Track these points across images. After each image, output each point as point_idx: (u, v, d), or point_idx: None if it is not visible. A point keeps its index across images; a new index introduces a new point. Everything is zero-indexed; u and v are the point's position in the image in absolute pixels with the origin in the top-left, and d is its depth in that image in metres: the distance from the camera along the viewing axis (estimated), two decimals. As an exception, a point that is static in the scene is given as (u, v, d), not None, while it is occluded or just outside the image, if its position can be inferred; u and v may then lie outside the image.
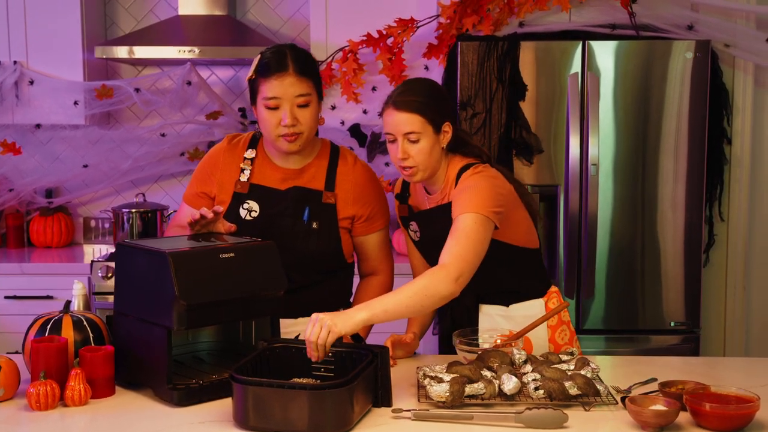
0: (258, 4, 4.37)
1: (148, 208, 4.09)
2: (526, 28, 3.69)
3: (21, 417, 1.92)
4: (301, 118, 2.29)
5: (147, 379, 2.06)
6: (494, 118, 3.54)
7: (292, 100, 2.27)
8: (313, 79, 2.32)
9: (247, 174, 2.39)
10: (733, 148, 3.90)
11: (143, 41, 3.99)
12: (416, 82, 2.40)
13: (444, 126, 2.34)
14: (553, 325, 2.45)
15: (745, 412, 1.83)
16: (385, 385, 1.96)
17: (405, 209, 2.52)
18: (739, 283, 3.94)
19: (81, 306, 2.28)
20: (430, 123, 2.31)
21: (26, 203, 4.38)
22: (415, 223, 2.48)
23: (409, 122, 2.29)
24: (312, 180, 2.39)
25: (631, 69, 3.54)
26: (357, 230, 2.47)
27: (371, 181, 2.48)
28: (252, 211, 2.36)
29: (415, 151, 2.30)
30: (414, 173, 2.34)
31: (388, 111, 2.33)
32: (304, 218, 2.35)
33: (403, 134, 2.30)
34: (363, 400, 1.88)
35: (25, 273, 3.87)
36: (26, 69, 4.04)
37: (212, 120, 4.25)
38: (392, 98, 2.34)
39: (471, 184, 2.29)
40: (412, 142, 2.30)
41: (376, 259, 2.52)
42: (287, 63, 2.27)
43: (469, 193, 2.25)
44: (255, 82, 2.32)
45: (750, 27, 3.79)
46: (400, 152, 2.30)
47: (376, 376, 1.95)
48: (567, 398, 1.97)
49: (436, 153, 2.34)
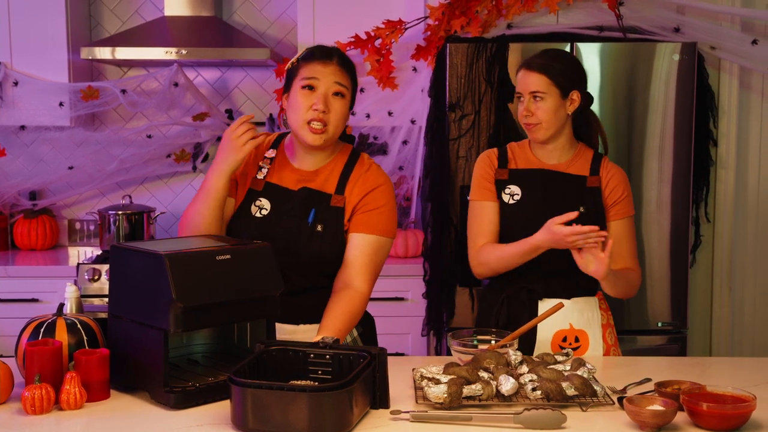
0: (245, 5, 4.36)
1: (135, 210, 4.06)
2: (515, 30, 3.70)
3: (16, 421, 1.90)
4: (332, 107, 2.28)
5: (143, 383, 2.04)
6: (483, 119, 3.55)
7: (330, 86, 2.27)
8: (352, 78, 2.34)
9: (264, 172, 2.40)
10: (719, 150, 3.93)
11: (129, 42, 3.97)
12: (555, 50, 2.59)
13: (572, 94, 2.52)
14: (604, 324, 2.57)
15: (741, 411, 1.84)
16: (383, 386, 1.96)
17: (505, 172, 2.58)
18: (725, 284, 3.97)
19: (74, 309, 2.26)
20: (557, 86, 2.49)
21: (10, 205, 4.34)
22: (516, 186, 2.56)
23: (535, 82, 2.49)
24: (324, 183, 2.37)
25: (618, 70, 3.57)
26: (350, 225, 2.36)
27: (382, 185, 2.38)
28: (263, 208, 2.35)
29: (539, 109, 2.48)
30: (537, 129, 2.50)
31: (522, 72, 2.54)
32: (309, 220, 2.33)
33: (530, 92, 2.49)
34: (362, 402, 1.88)
35: (10, 276, 3.83)
36: (11, 70, 4.01)
37: (199, 121, 4.23)
38: (527, 61, 2.55)
39: (627, 185, 2.57)
40: (537, 100, 2.48)
41: (353, 268, 2.31)
42: (333, 54, 2.31)
43: (630, 196, 2.58)
44: (295, 69, 2.32)
45: (735, 29, 3.83)
46: (524, 109, 2.50)
47: (374, 377, 1.95)
48: (564, 399, 1.98)
49: (561, 116, 2.51)
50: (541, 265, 2.52)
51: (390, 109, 3.96)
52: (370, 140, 4.12)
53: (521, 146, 2.65)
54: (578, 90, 2.54)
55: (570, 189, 2.55)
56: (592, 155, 2.60)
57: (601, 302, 2.61)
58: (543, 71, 2.50)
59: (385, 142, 4.10)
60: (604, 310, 2.60)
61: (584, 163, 2.58)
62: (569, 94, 2.52)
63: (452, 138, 3.57)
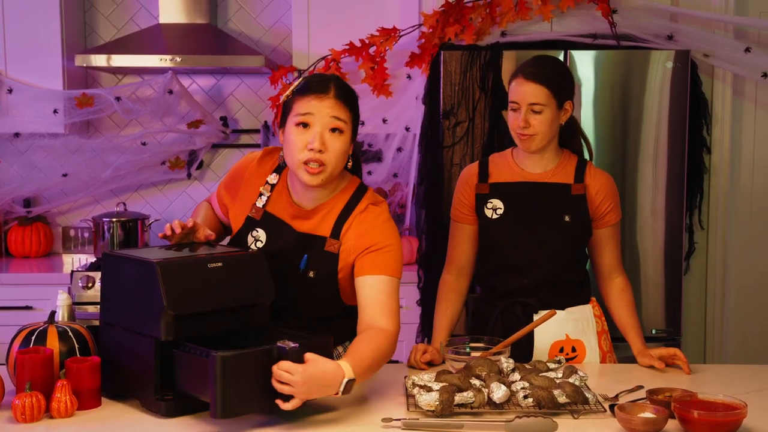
0: (239, 12, 4.37)
1: (129, 218, 4.06)
2: (509, 37, 3.71)
3: (6, 429, 1.90)
4: (330, 145, 2.12)
5: (134, 390, 2.04)
6: (477, 127, 3.55)
7: (326, 122, 2.12)
8: (351, 110, 2.17)
9: (264, 200, 2.29)
10: (713, 157, 3.93)
11: (124, 49, 3.97)
12: (547, 57, 2.57)
13: (566, 104, 2.50)
14: (599, 331, 2.57)
15: (732, 419, 1.84)
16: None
17: (485, 187, 2.56)
18: (719, 291, 3.97)
19: (66, 316, 2.26)
20: (555, 97, 2.46)
21: (4, 213, 4.33)
22: (498, 200, 2.54)
23: (535, 93, 2.44)
24: (320, 223, 2.23)
25: (612, 78, 3.57)
26: (356, 269, 2.21)
27: (379, 225, 2.22)
28: (258, 240, 2.26)
29: (537, 122, 2.45)
30: (532, 140, 2.47)
31: (518, 80, 2.47)
32: (300, 266, 2.23)
33: (528, 104, 2.45)
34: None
35: (3, 283, 3.82)
36: (5, 77, 4.01)
37: (193, 129, 4.23)
38: (522, 69, 2.49)
39: (615, 192, 2.58)
40: (535, 113, 2.44)
41: (373, 308, 2.15)
42: (329, 86, 2.14)
43: (617, 202, 2.58)
44: (289, 103, 2.18)
45: (729, 37, 3.83)
46: (522, 121, 2.45)
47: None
48: (556, 406, 1.98)
49: (555, 127, 2.50)
50: (530, 278, 2.52)
51: (384, 117, 3.96)
52: (365, 147, 4.12)
53: (503, 156, 2.63)
54: (571, 100, 2.53)
55: (553, 199, 2.53)
56: (576, 162, 2.59)
57: (594, 309, 2.61)
58: (543, 82, 2.44)
59: (379, 149, 4.10)
60: (598, 317, 2.60)
61: (569, 170, 2.56)
62: (563, 105, 2.51)
63: (446, 145, 3.58)
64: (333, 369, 1.91)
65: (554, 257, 2.52)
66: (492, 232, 2.55)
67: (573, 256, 2.57)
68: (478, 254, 2.63)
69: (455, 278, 2.64)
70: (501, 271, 2.57)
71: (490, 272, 2.59)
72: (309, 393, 1.87)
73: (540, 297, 2.52)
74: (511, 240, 2.53)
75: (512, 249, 2.53)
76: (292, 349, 1.87)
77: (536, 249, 2.52)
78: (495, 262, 2.57)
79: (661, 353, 2.43)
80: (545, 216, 2.52)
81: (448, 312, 2.60)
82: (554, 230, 2.52)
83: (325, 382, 1.89)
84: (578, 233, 2.54)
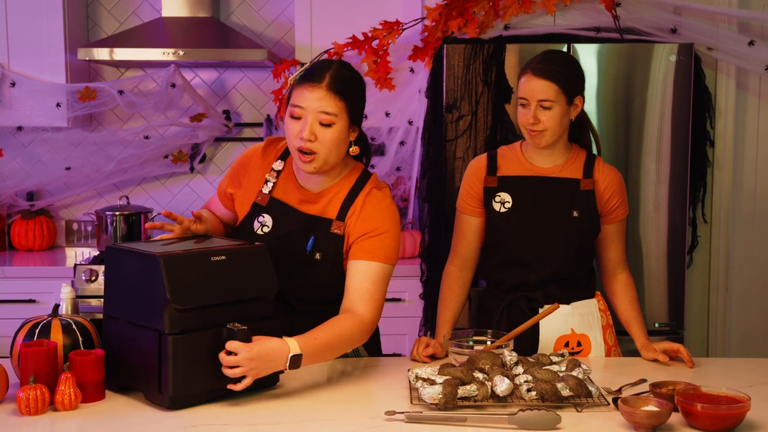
0: (242, 6, 4.36)
1: (132, 211, 4.06)
2: (512, 31, 3.70)
3: (10, 422, 1.90)
4: (320, 136, 2.16)
5: (138, 383, 2.04)
6: (480, 120, 3.55)
7: (316, 115, 2.16)
8: (346, 100, 2.18)
9: (270, 186, 2.32)
10: (716, 151, 3.93)
11: (126, 43, 3.97)
12: (556, 52, 2.53)
13: (576, 99, 2.49)
14: (604, 325, 2.57)
15: (736, 412, 1.84)
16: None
17: (494, 180, 2.56)
18: (722, 285, 3.97)
19: (69, 309, 2.26)
20: (565, 93, 2.44)
21: (7, 206, 4.34)
22: (506, 194, 2.53)
23: (545, 90, 2.43)
24: (326, 206, 2.28)
25: (615, 72, 3.57)
26: (351, 252, 2.26)
27: (382, 210, 2.27)
28: (265, 225, 2.29)
29: (546, 118, 2.43)
30: (542, 136, 2.46)
31: (527, 77, 2.46)
32: (307, 248, 2.26)
33: (538, 100, 2.43)
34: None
35: (7, 277, 3.83)
36: (8, 71, 4.01)
37: (196, 122, 4.23)
38: (532, 65, 2.47)
39: (623, 188, 2.57)
40: (545, 109, 2.43)
41: (356, 295, 2.21)
42: (324, 76, 2.16)
43: (625, 197, 2.58)
44: (290, 90, 2.23)
45: (732, 30, 3.83)
46: (532, 117, 2.44)
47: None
48: (559, 399, 1.98)
49: (565, 123, 2.48)
50: (538, 273, 2.52)
51: (387, 110, 3.96)
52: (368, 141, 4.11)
53: (512, 149, 2.62)
54: (581, 95, 2.52)
55: (562, 194, 2.53)
56: (585, 157, 2.58)
57: (600, 303, 2.61)
58: (552, 79, 2.43)
59: (382, 142, 4.10)
60: (603, 311, 2.60)
61: (577, 165, 2.56)
62: (573, 100, 2.49)
63: (449, 139, 3.57)
64: (278, 345, 2.00)
65: (562, 253, 2.52)
66: (500, 226, 2.55)
67: (581, 252, 2.56)
68: (485, 248, 2.63)
69: (459, 270, 2.63)
70: (508, 266, 2.56)
71: (496, 266, 2.59)
72: (257, 369, 1.97)
73: (546, 291, 2.52)
74: (519, 235, 2.52)
75: (520, 244, 2.52)
76: (240, 330, 1.96)
77: (544, 244, 2.52)
78: (502, 256, 2.56)
79: (665, 347, 2.43)
80: (554, 211, 2.51)
81: (452, 305, 2.60)
82: (563, 226, 2.51)
83: (272, 357, 1.98)
84: (587, 229, 2.53)
